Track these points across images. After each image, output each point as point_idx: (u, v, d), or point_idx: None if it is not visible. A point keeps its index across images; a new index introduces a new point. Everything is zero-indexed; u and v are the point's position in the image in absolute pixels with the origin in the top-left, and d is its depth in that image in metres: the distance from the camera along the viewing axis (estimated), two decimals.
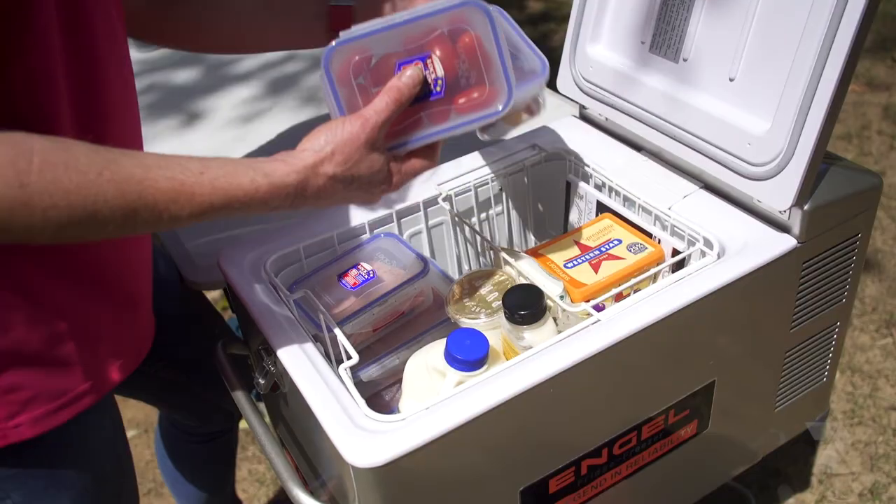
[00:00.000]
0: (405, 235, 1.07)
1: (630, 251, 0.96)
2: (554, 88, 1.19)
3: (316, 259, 1.00)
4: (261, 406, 1.05)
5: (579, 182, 1.11)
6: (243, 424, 1.49)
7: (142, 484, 1.74)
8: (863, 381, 1.83)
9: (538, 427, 0.81)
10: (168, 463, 1.36)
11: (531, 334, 0.83)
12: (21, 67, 0.65)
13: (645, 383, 0.89)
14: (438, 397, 0.75)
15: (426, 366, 0.84)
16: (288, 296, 0.90)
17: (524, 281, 0.92)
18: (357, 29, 0.76)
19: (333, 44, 0.75)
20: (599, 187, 1.08)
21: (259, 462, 1.83)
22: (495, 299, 0.91)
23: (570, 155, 1.12)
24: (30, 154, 0.58)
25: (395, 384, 0.98)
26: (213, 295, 2.06)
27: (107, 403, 0.88)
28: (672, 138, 1.00)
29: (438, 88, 0.77)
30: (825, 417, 1.73)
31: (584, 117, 1.17)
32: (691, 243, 0.94)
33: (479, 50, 0.75)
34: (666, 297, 0.83)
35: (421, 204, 1.06)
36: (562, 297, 0.88)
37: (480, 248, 1.14)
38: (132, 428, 1.92)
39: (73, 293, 0.77)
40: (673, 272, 0.91)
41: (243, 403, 0.94)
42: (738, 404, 1.02)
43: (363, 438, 0.71)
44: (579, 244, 0.98)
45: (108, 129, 0.76)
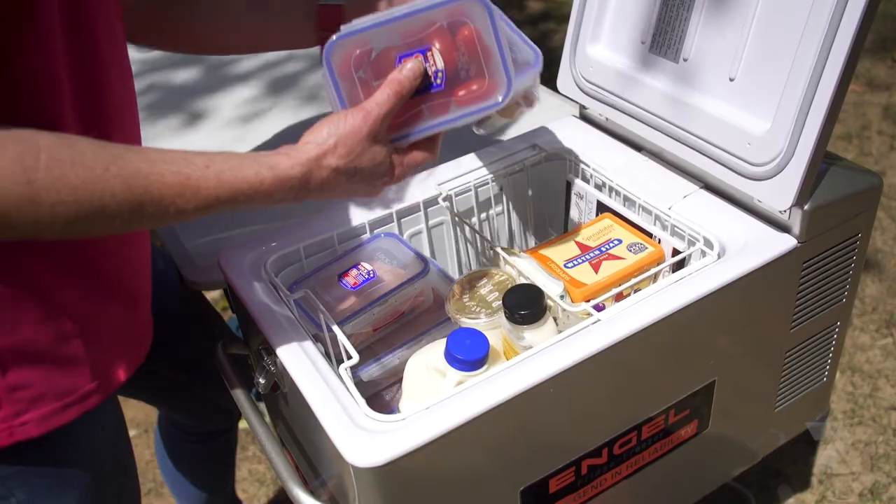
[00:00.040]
0: (405, 235, 1.07)
1: (630, 251, 0.96)
2: (554, 88, 1.19)
3: (316, 259, 1.00)
4: (261, 406, 1.05)
5: (579, 182, 1.11)
6: (243, 424, 1.49)
7: (142, 484, 1.73)
8: (863, 381, 1.83)
9: (538, 427, 0.81)
10: (168, 463, 1.36)
11: (531, 334, 0.83)
12: (24, 69, 0.65)
13: (645, 383, 0.89)
14: (438, 397, 0.75)
15: (426, 366, 0.84)
16: (288, 296, 0.90)
17: (524, 281, 0.92)
18: (357, 23, 0.76)
19: (334, 38, 0.76)
20: (599, 187, 1.08)
21: (259, 462, 1.83)
22: (495, 299, 0.91)
23: (571, 155, 1.12)
24: (37, 151, 0.59)
25: (396, 384, 0.98)
26: (213, 295, 2.06)
27: (111, 403, 0.88)
28: (672, 138, 1.00)
29: (439, 81, 0.77)
30: (825, 417, 1.73)
31: (585, 117, 1.17)
32: (691, 243, 0.94)
33: (479, 43, 0.76)
34: (666, 297, 0.83)
35: (421, 204, 1.06)
36: (562, 297, 0.88)
37: (480, 248, 1.14)
38: (132, 428, 1.92)
39: (80, 290, 0.77)
40: (673, 272, 0.91)
41: (243, 403, 0.94)
42: (739, 404, 1.02)
43: (363, 438, 0.72)
44: (579, 244, 0.98)
45: (110, 131, 0.76)
